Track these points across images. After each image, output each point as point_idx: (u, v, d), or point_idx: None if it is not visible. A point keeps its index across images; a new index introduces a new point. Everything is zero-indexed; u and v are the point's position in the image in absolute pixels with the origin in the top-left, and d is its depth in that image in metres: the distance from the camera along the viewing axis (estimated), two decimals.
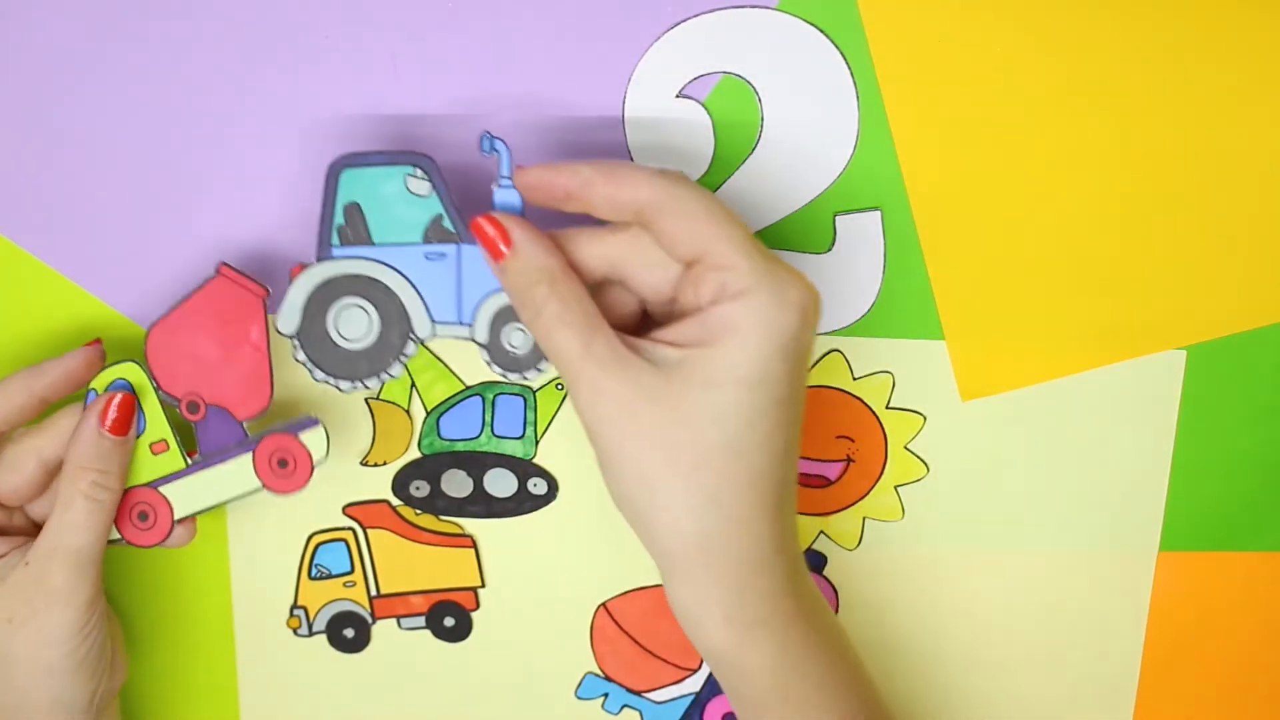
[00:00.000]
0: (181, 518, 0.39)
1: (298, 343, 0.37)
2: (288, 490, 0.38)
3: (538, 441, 0.42)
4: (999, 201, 0.40)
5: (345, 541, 0.43)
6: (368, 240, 0.36)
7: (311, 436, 0.38)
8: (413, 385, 0.41)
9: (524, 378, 0.37)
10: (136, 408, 0.38)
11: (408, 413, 0.41)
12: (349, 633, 0.44)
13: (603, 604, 0.44)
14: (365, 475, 0.42)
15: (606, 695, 0.45)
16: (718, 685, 0.41)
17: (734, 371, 0.32)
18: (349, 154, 0.36)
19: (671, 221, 0.33)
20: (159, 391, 0.38)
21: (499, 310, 0.36)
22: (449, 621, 0.44)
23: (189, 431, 0.39)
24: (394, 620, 0.44)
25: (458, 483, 0.42)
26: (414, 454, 0.42)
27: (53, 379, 0.37)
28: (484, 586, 0.44)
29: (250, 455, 0.38)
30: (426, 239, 0.36)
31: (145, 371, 0.38)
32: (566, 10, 0.37)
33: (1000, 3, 0.38)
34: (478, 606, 0.44)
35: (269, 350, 0.38)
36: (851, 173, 0.39)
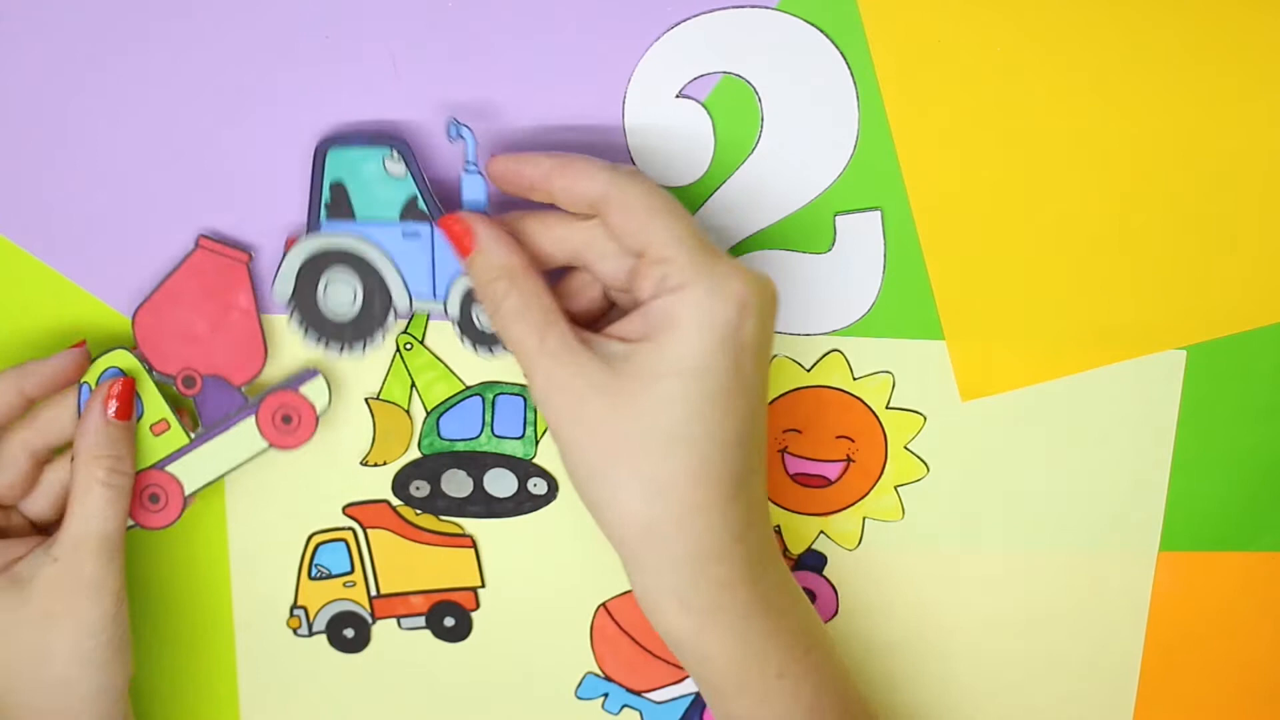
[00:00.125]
0: (192, 493, 0.39)
1: (292, 308, 0.38)
2: (294, 445, 0.39)
3: (538, 441, 0.42)
4: (999, 201, 0.40)
5: (345, 541, 0.43)
6: (351, 216, 0.37)
7: (312, 388, 0.39)
8: (413, 385, 0.41)
9: (491, 352, 0.38)
10: (135, 391, 0.38)
11: (408, 413, 0.41)
12: (349, 633, 0.44)
13: (603, 604, 0.44)
14: (365, 475, 0.42)
15: (606, 695, 0.45)
16: None
17: (675, 364, 0.33)
18: (334, 133, 0.37)
19: (617, 215, 0.34)
20: (152, 373, 0.38)
21: (470, 288, 0.38)
22: (449, 621, 0.44)
23: (190, 409, 0.39)
24: (394, 620, 0.44)
25: (458, 483, 0.42)
26: (414, 454, 0.42)
27: (40, 379, 0.38)
28: (484, 586, 0.44)
29: (253, 418, 0.39)
30: (403, 218, 0.37)
31: (136, 356, 0.38)
32: (566, 10, 0.37)
33: (1000, 3, 0.37)
34: (478, 606, 0.44)
35: (258, 313, 0.38)
36: (851, 173, 0.39)
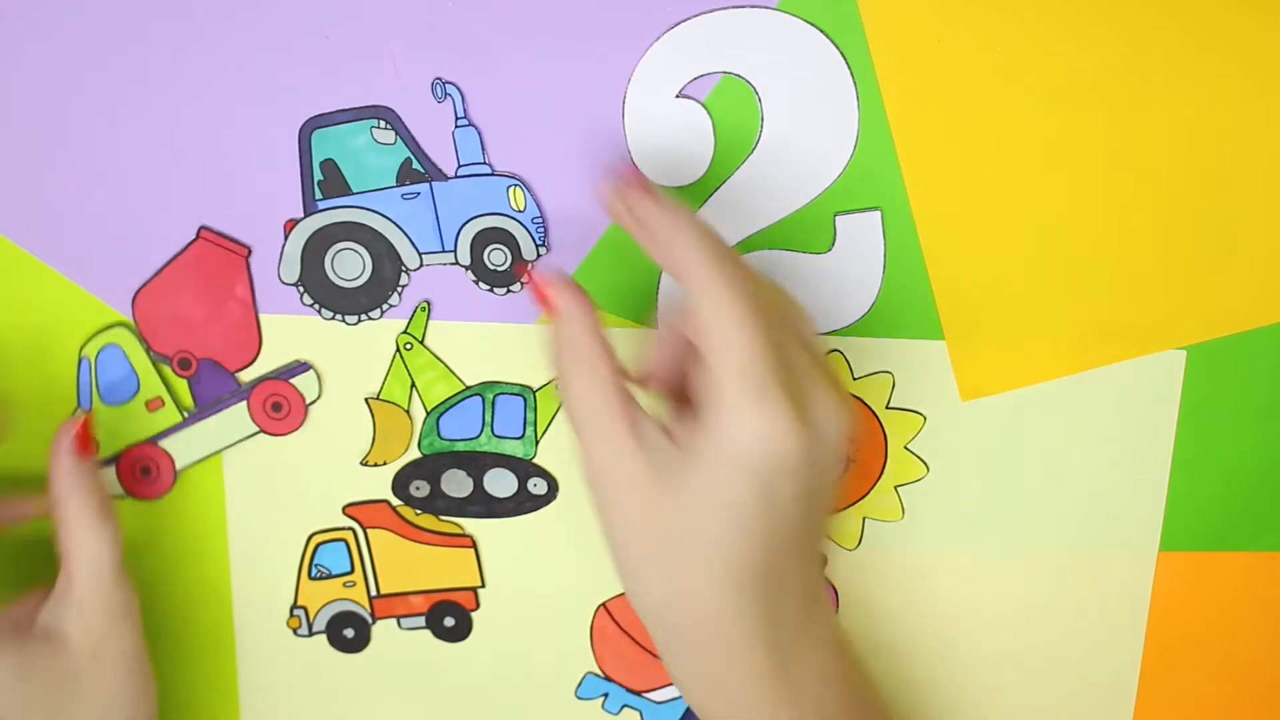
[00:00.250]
0: (183, 468, 0.41)
1: (301, 288, 0.39)
2: (283, 432, 0.41)
3: (538, 441, 0.42)
4: (999, 201, 0.40)
5: (345, 541, 0.43)
6: (347, 191, 0.38)
7: (303, 380, 0.40)
8: (413, 385, 0.41)
9: (509, 291, 0.39)
10: (92, 432, 0.39)
11: (408, 413, 0.41)
12: (349, 633, 0.44)
13: (603, 604, 0.44)
14: (365, 475, 0.42)
15: (606, 695, 0.45)
16: None
17: (701, 491, 0.32)
18: (315, 116, 0.38)
19: (696, 309, 0.33)
20: (150, 352, 0.40)
21: (477, 234, 0.39)
22: (449, 621, 0.44)
23: (185, 390, 0.40)
24: (394, 620, 0.44)
25: (458, 483, 0.42)
26: (414, 454, 0.42)
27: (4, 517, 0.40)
28: (484, 586, 0.44)
29: (245, 403, 0.40)
30: (400, 181, 0.38)
31: (135, 335, 0.40)
32: (566, 10, 0.37)
33: (1000, 3, 0.37)
34: (478, 606, 0.44)
35: (255, 304, 0.39)
36: (851, 173, 0.39)
